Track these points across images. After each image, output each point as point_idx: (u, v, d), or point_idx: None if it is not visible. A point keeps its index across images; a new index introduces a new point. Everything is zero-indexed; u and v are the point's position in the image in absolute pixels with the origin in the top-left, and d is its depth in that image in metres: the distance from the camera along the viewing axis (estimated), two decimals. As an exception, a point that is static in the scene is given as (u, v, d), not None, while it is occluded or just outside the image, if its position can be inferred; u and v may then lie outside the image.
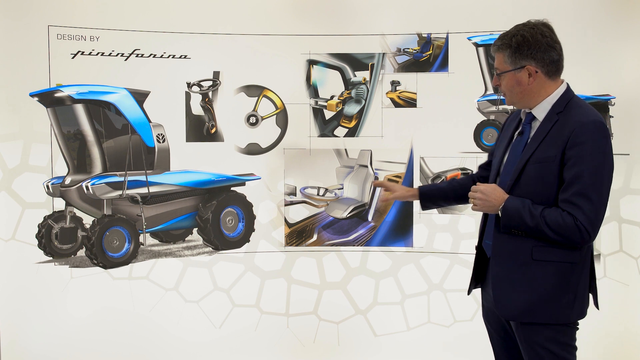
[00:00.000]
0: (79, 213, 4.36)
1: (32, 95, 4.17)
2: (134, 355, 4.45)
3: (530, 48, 2.40)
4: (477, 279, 2.70)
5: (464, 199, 2.85)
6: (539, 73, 2.42)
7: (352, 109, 4.58)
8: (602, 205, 2.30)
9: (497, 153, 2.62)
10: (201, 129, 4.50)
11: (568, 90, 2.46)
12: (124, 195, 4.33)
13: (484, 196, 2.41)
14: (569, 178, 2.30)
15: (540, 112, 2.44)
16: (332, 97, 4.60)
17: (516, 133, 2.54)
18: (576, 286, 2.41)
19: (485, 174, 2.90)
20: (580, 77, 4.13)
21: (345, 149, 4.62)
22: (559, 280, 2.39)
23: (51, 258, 4.33)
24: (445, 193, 2.94)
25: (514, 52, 2.42)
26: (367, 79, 4.53)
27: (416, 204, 4.09)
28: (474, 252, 2.71)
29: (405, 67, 4.52)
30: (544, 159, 2.35)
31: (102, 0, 4.25)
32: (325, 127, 4.60)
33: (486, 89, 4.45)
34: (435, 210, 4.52)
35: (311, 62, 4.52)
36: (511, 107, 4.23)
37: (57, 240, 4.31)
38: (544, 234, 2.33)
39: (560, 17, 4.04)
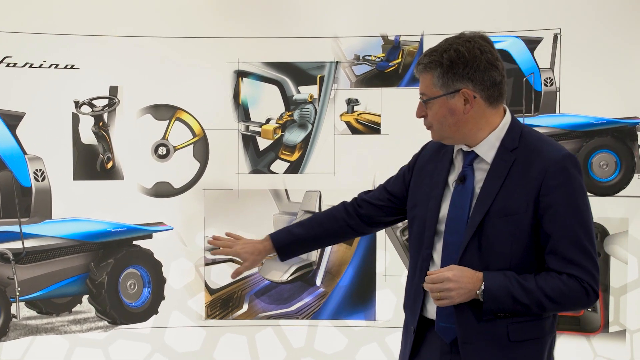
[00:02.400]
0: None
1: None
2: None
3: (466, 66, 2.27)
4: None
5: (330, 240, 2.90)
6: (477, 98, 2.28)
7: (294, 136, 4.41)
8: (596, 254, 2.25)
9: (424, 203, 2.44)
10: (94, 162, 4.30)
11: (515, 120, 2.37)
12: (-11, 252, 4.16)
13: (455, 284, 2.21)
14: (553, 231, 2.21)
15: (487, 150, 2.31)
16: (268, 121, 4.40)
17: (453, 180, 2.39)
18: None
19: (373, 212, 2.72)
20: (601, 95, 4.06)
21: (286, 190, 4.47)
22: None
23: None
24: (303, 241, 2.77)
25: (445, 71, 2.28)
26: (315, 96, 4.37)
27: (379, 263, 4.23)
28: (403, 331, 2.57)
29: (366, 81, 4.40)
30: (511, 210, 2.24)
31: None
32: (259, 161, 4.44)
33: (473, 110, 4.13)
34: (405, 272, 4.10)
35: (240, 74, 4.35)
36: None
37: None
38: (543, 309, 2.23)
39: (574, 25, 4.20)
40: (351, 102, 4.33)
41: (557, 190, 2.21)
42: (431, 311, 2.41)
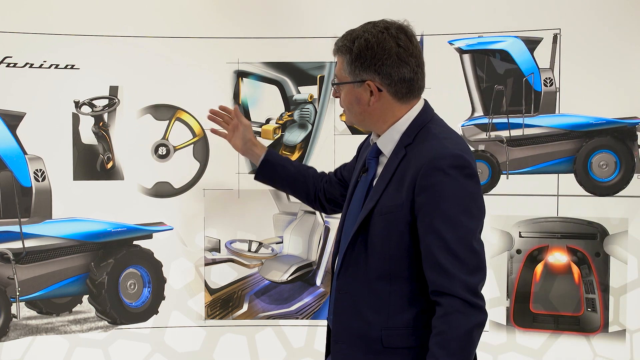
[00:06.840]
0: None
1: None
2: None
3: (373, 58, 2.17)
4: None
5: (298, 191, 2.90)
6: (383, 92, 2.20)
7: (294, 136, 4.35)
8: (472, 258, 2.05)
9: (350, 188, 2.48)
10: (94, 162, 4.25)
11: (422, 114, 2.25)
12: (-11, 252, 4.17)
13: None
14: (423, 233, 2.08)
15: (387, 143, 2.25)
16: (268, 121, 4.33)
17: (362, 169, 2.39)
18: None
19: (329, 187, 2.83)
20: (601, 95, 4.03)
21: (286, 190, 4.49)
22: None
23: None
24: (287, 175, 2.89)
25: (354, 59, 2.20)
26: (315, 96, 4.31)
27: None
28: None
29: (366, 81, 4.14)
30: (390, 208, 2.15)
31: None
32: (259, 161, 4.39)
33: (474, 110, 4.22)
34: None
35: (240, 74, 4.28)
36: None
37: None
38: (465, 356, 2.06)
39: (574, 25, 4.13)
40: (351, 102, 4.26)
41: (427, 191, 2.10)
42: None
